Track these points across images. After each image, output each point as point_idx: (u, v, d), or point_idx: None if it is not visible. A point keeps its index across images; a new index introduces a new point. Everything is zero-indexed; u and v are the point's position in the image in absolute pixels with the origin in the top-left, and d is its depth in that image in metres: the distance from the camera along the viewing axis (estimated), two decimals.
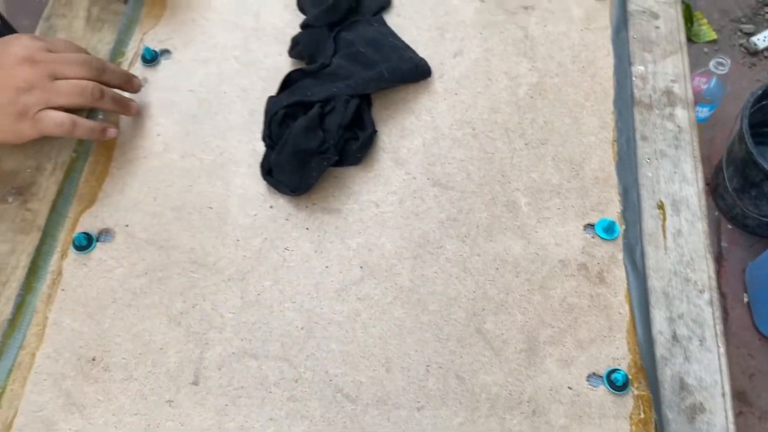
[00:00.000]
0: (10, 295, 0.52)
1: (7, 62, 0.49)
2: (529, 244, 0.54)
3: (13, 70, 0.49)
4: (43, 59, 0.50)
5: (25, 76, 0.49)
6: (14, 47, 0.50)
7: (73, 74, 0.52)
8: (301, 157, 0.54)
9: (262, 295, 0.52)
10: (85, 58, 0.53)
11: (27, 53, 0.50)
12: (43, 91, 0.50)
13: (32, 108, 0.50)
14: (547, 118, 0.60)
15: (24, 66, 0.49)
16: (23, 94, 0.49)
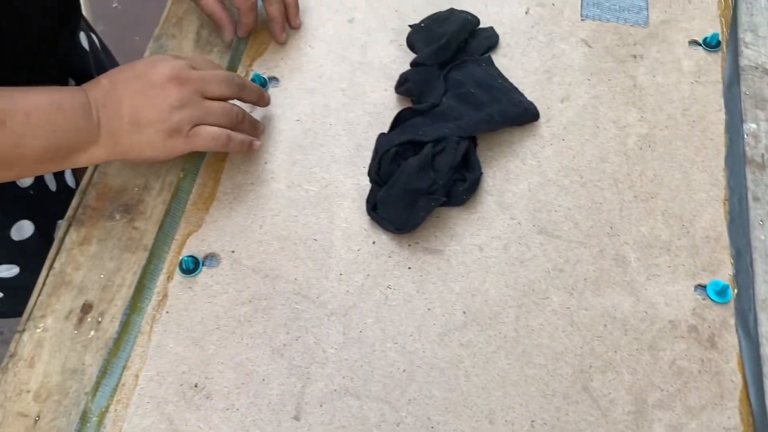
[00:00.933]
0: (115, 313, 0.53)
1: (157, 81, 0.50)
2: (638, 302, 0.53)
3: (164, 89, 0.50)
4: (189, 77, 0.52)
5: (177, 94, 0.51)
6: (161, 67, 0.51)
7: (219, 91, 0.53)
8: (411, 197, 0.54)
9: (364, 332, 0.52)
10: (227, 75, 0.55)
11: (174, 72, 0.51)
12: (195, 109, 0.51)
13: (185, 125, 0.51)
14: (657, 171, 0.59)
15: (173, 84, 0.51)
16: (176, 111, 0.50)
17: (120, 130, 0.50)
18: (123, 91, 0.50)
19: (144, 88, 0.50)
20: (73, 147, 0.49)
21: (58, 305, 0.53)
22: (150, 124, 0.50)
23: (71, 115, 0.48)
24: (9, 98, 0.46)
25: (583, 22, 0.68)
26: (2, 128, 0.45)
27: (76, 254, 0.56)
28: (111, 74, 0.52)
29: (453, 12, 0.65)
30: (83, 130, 0.49)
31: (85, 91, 0.50)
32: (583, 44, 0.66)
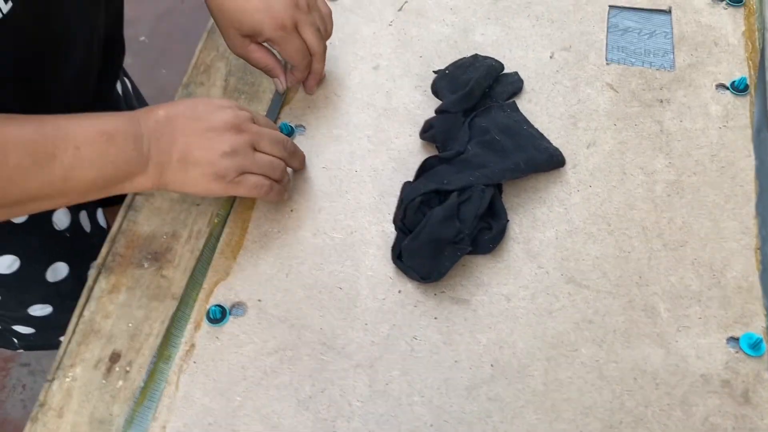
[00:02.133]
0: (143, 362, 0.53)
1: (217, 126, 0.51)
2: (669, 354, 0.52)
3: (221, 134, 0.51)
4: (248, 130, 0.53)
5: (232, 141, 0.51)
6: (225, 113, 0.52)
7: (270, 150, 0.55)
8: (436, 246, 0.53)
9: (390, 385, 0.51)
10: (282, 138, 0.56)
11: (236, 121, 0.52)
12: (244, 159, 0.52)
13: (232, 173, 0.52)
14: (686, 218, 0.58)
15: (231, 132, 0.52)
16: (226, 158, 0.51)
17: (168, 164, 0.50)
18: (179, 128, 0.51)
19: (201, 130, 0.51)
20: (121, 177, 0.49)
21: (87, 354, 0.54)
22: (198, 165, 0.51)
23: (122, 147, 0.48)
24: (59, 129, 0.46)
25: (609, 66, 0.68)
26: (52, 161, 0.45)
27: (106, 302, 0.56)
28: (168, 107, 0.52)
29: (477, 58, 0.65)
30: (132, 162, 0.49)
31: (138, 120, 0.50)
32: (608, 89, 0.66)
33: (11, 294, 0.70)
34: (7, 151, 0.43)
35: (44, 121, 0.46)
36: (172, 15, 2.01)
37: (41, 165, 0.45)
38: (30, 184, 0.45)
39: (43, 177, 0.45)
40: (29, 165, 0.44)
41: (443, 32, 0.71)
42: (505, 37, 0.70)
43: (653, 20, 0.71)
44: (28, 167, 0.44)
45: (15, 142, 0.44)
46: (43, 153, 0.45)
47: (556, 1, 0.73)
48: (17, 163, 0.44)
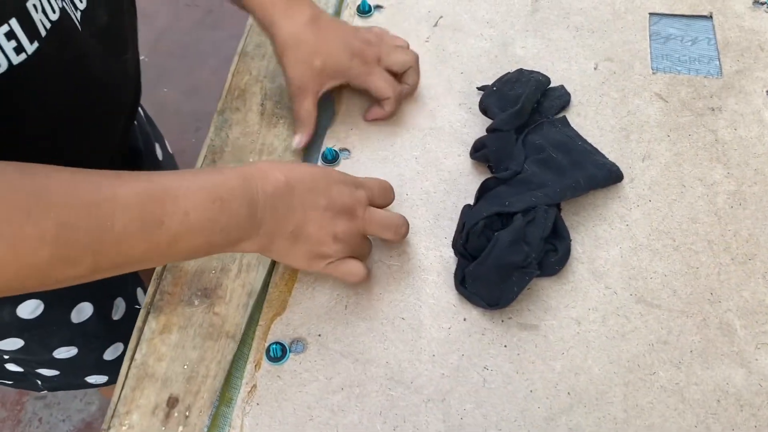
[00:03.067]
0: (202, 406, 0.51)
1: (335, 206, 0.49)
2: (750, 374, 0.50)
3: (336, 217, 0.49)
4: (362, 216, 0.51)
5: (345, 228, 0.50)
6: (344, 193, 0.50)
7: (379, 234, 0.53)
8: (504, 272, 0.52)
9: (465, 419, 0.49)
10: (395, 223, 0.53)
11: (353, 205, 0.50)
12: (351, 246, 0.50)
13: (333, 257, 0.50)
14: (751, 230, 0.56)
15: (346, 216, 0.50)
16: (335, 242, 0.49)
17: (278, 235, 0.48)
18: (298, 201, 0.48)
19: (319, 206, 0.49)
20: (229, 243, 0.47)
21: (142, 400, 0.52)
22: (307, 242, 0.49)
23: (235, 214, 0.45)
24: (168, 191, 0.43)
25: (655, 75, 0.66)
26: (159, 228, 0.42)
27: (157, 344, 0.54)
28: (288, 171, 0.49)
29: (522, 73, 0.63)
30: (243, 228, 0.46)
31: (256, 183, 0.47)
32: (657, 99, 0.64)
33: (35, 338, 0.68)
34: (115, 215, 0.40)
35: (152, 181, 0.43)
36: (172, 33, 1.99)
37: (148, 231, 0.42)
38: (135, 250, 0.42)
39: (148, 243, 0.42)
40: (135, 231, 0.41)
41: (482, 47, 0.70)
42: (546, 50, 0.69)
43: (695, 26, 0.70)
44: (134, 233, 0.41)
45: (123, 205, 0.41)
46: (151, 218, 0.42)
47: (595, 11, 0.71)
48: (123, 229, 0.40)
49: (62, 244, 0.38)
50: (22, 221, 0.37)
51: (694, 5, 0.71)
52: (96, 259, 0.41)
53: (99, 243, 0.40)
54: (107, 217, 0.40)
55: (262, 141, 0.65)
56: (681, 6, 0.71)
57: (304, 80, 0.60)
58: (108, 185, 0.41)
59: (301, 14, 0.59)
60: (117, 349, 0.75)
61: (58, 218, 0.38)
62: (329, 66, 0.60)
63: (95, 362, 0.74)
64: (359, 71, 0.61)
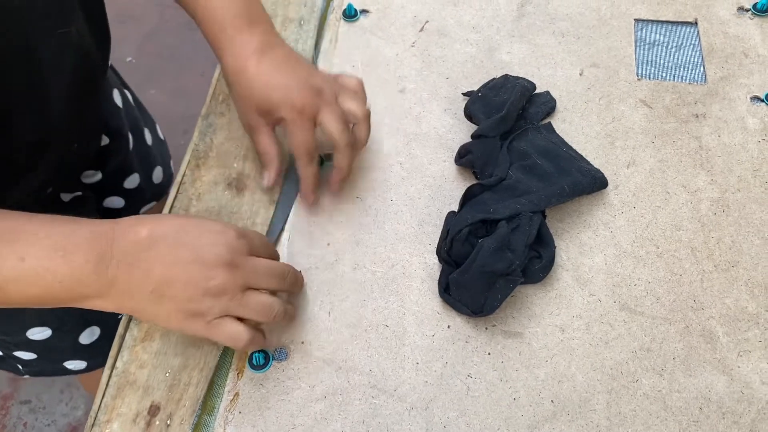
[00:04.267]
0: (184, 415, 0.51)
1: (206, 259, 0.44)
2: (732, 381, 0.50)
3: (210, 270, 0.44)
4: (242, 266, 0.45)
5: (220, 281, 0.44)
6: (217, 245, 0.45)
7: (266, 285, 0.47)
8: (488, 279, 0.51)
9: (449, 427, 0.49)
10: (281, 271, 0.49)
11: (230, 257, 0.44)
12: (231, 301, 0.44)
13: (211, 314, 0.44)
14: (734, 237, 0.57)
15: (222, 270, 0.44)
16: (210, 298, 0.44)
17: (138, 294, 0.43)
18: (160, 256, 0.43)
19: (186, 261, 0.43)
20: (72, 298, 0.43)
21: (123, 408, 0.51)
22: (174, 300, 0.43)
23: (77, 267, 0.41)
24: (8, 232, 0.41)
25: (640, 81, 0.66)
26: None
27: (139, 351, 0.54)
28: (153, 225, 0.44)
29: (508, 78, 0.63)
30: (87, 284, 0.42)
31: (112, 237, 0.43)
32: (642, 105, 0.64)
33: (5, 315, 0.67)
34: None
35: (2, 219, 0.41)
36: (159, 34, 1.98)
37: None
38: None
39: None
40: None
41: (468, 52, 0.69)
42: (531, 55, 0.69)
43: (679, 33, 0.70)
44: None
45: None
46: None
47: (580, 17, 0.71)
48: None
49: None
50: None
51: (679, 11, 0.71)
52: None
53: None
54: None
55: (247, 145, 0.64)
56: (666, 12, 0.71)
57: (246, 117, 0.56)
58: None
59: (249, 45, 0.54)
60: (93, 333, 0.73)
61: None
62: (262, 106, 0.54)
63: (71, 345, 0.73)
64: (288, 117, 0.53)
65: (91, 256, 0.42)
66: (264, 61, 0.54)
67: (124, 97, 0.80)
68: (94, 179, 0.74)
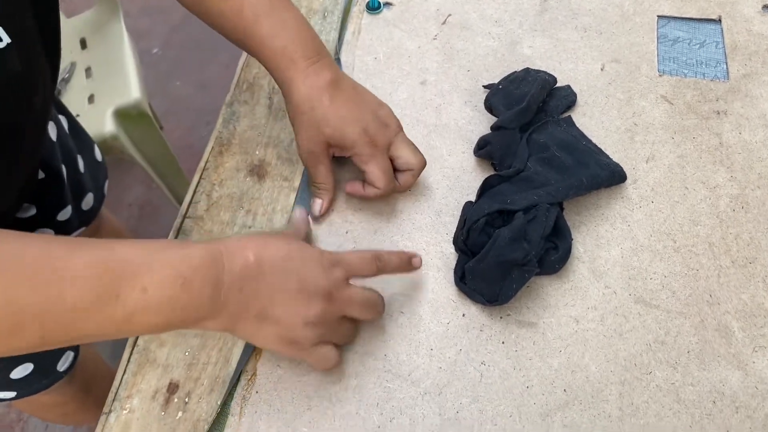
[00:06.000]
0: (202, 393, 0.52)
1: (309, 290, 0.46)
2: (746, 376, 0.50)
3: (310, 299, 0.45)
4: (339, 299, 0.47)
5: (319, 312, 0.46)
6: (320, 276, 0.46)
7: (360, 316, 0.50)
8: (504, 269, 0.52)
9: (461, 413, 0.50)
10: (375, 301, 0.51)
11: (330, 289, 0.46)
12: (327, 331, 0.47)
13: (307, 342, 0.46)
14: (753, 234, 0.56)
15: (321, 300, 0.46)
16: (308, 327, 0.46)
17: (243, 317, 0.44)
18: (267, 284, 0.44)
19: (290, 289, 0.45)
20: (189, 322, 0.43)
21: (143, 384, 0.52)
22: (276, 325, 0.45)
23: (197, 294, 0.42)
24: (127, 263, 0.40)
25: (661, 77, 0.66)
26: (114, 303, 0.39)
27: None
28: (258, 249, 0.45)
29: (529, 72, 0.64)
30: (204, 309, 0.43)
31: (223, 262, 0.44)
32: (663, 101, 0.64)
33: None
34: (68, 289, 0.38)
35: (111, 251, 0.40)
36: (185, 27, 2.00)
37: (102, 305, 0.39)
38: (87, 325, 0.39)
39: (102, 317, 0.39)
40: (88, 304, 0.38)
41: (490, 45, 0.70)
42: (553, 50, 0.69)
43: (703, 30, 0.70)
44: (87, 307, 0.38)
45: (75, 276, 0.38)
46: (106, 292, 0.39)
47: (603, 12, 0.71)
48: (74, 302, 0.38)
49: (8, 315, 0.36)
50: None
51: (702, 9, 0.71)
52: (44, 332, 0.38)
53: (47, 315, 0.37)
54: (57, 290, 0.37)
55: (269, 134, 0.65)
56: (690, 9, 0.71)
57: (312, 145, 0.57)
58: (60, 255, 0.39)
59: (322, 77, 0.55)
60: (26, 369, 0.71)
61: (4, 288, 0.36)
62: (336, 138, 0.55)
63: (1, 380, 0.70)
64: (362, 152, 0.56)
65: (207, 282, 0.42)
66: (338, 95, 0.55)
67: (59, 126, 0.75)
68: (28, 214, 0.68)
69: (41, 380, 0.74)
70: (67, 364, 0.77)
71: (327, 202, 0.59)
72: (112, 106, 1.15)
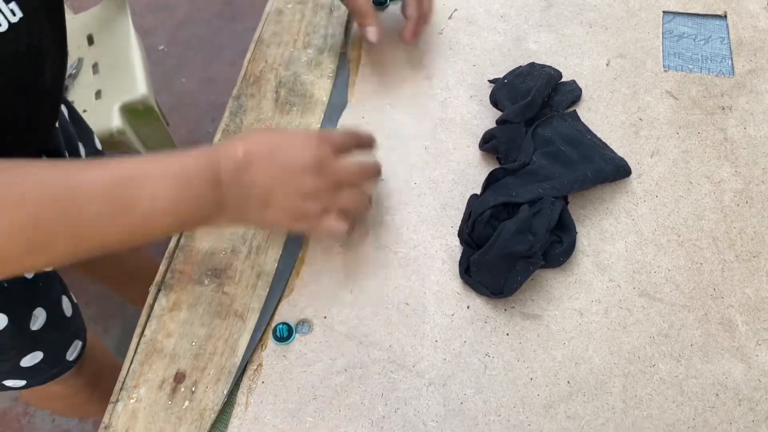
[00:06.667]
0: (208, 382, 0.52)
1: (297, 168, 0.49)
2: (749, 369, 0.50)
3: (302, 177, 0.49)
4: (329, 168, 0.50)
5: (313, 184, 0.49)
6: (305, 154, 0.49)
7: (353, 180, 0.52)
8: (508, 261, 0.52)
9: (465, 404, 0.50)
10: (366, 167, 0.54)
11: (317, 162, 0.49)
12: (327, 200, 0.50)
13: (312, 214, 0.50)
14: (757, 228, 0.57)
15: (312, 174, 0.49)
16: (308, 200, 0.49)
17: (247, 206, 0.48)
18: (258, 172, 0.48)
19: (281, 173, 0.49)
20: (198, 220, 0.48)
21: (150, 374, 0.53)
22: (278, 207, 0.49)
23: (199, 193, 0.46)
24: (135, 176, 0.44)
25: (666, 72, 0.66)
26: (131, 211, 0.43)
27: (167, 321, 0.55)
28: (247, 143, 0.49)
29: (534, 66, 0.64)
30: (210, 205, 0.47)
31: (217, 160, 0.47)
32: (668, 96, 0.65)
33: None
34: (87, 201, 0.42)
35: (121, 167, 0.44)
36: (191, 24, 2.01)
37: (119, 215, 0.43)
38: (110, 232, 0.43)
39: (122, 225, 0.43)
40: (107, 216, 0.42)
41: (495, 40, 0.70)
42: (559, 45, 0.69)
43: (708, 26, 0.70)
44: (106, 218, 0.42)
45: (94, 192, 0.42)
46: (122, 203, 0.43)
47: (609, 8, 0.72)
48: (95, 215, 0.42)
49: (39, 232, 0.40)
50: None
51: (708, 4, 0.71)
52: (73, 244, 0.42)
53: (73, 229, 0.42)
54: (79, 205, 0.41)
55: (275, 127, 0.66)
56: (695, 5, 0.71)
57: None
58: (76, 174, 0.42)
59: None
60: (35, 357, 0.72)
61: (32, 210, 0.40)
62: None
63: (12, 369, 0.71)
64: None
65: (207, 182, 0.47)
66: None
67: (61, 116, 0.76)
68: None
69: (50, 369, 0.74)
70: (76, 353, 0.77)
71: (375, 26, 0.64)
72: (118, 102, 1.16)
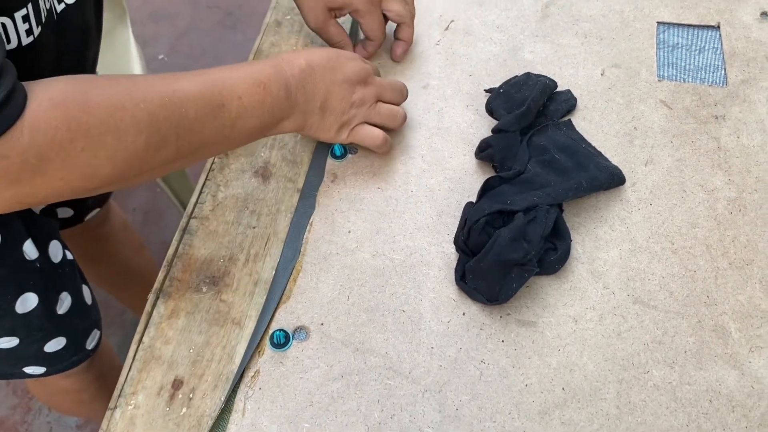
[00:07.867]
0: (206, 389, 0.53)
1: (349, 77, 0.57)
2: (743, 376, 0.51)
3: (352, 86, 0.57)
4: (373, 82, 0.59)
5: (360, 94, 0.58)
6: (353, 66, 0.58)
7: (392, 99, 0.61)
8: (504, 268, 0.53)
9: (461, 410, 0.50)
10: (401, 87, 0.63)
11: (363, 75, 0.58)
12: (369, 110, 0.59)
13: (355, 121, 0.59)
14: (750, 236, 0.57)
15: (360, 84, 0.58)
16: (354, 108, 0.58)
17: (311, 111, 0.56)
18: (320, 78, 0.55)
19: (337, 80, 0.56)
20: (275, 123, 0.54)
21: (148, 381, 0.53)
22: (333, 113, 0.57)
23: (276, 95, 0.53)
24: (223, 81, 0.50)
25: (660, 82, 0.67)
26: (222, 111, 0.49)
27: (165, 328, 0.56)
28: (307, 55, 0.56)
29: (530, 76, 0.65)
30: (284, 108, 0.54)
31: (283, 68, 0.54)
32: (662, 105, 0.65)
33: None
34: (188, 105, 0.47)
35: (208, 74, 0.50)
36: (191, 34, 2.02)
37: (215, 115, 0.49)
38: (206, 132, 0.49)
39: (216, 125, 0.50)
40: (205, 115, 0.48)
41: (491, 50, 0.71)
42: (554, 55, 0.70)
43: (702, 36, 0.71)
44: (204, 116, 0.48)
45: (192, 96, 0.48)
46: (215, 104, 0.49)
47: (604, 18, 0.73)
48: (195, 114, 0.48)
49: (153, 131, 0.46)
50: (122, 114, 0.44)
51: (701, 15, 0.72)
52: (179, 144, 0.48)
53: (179, 128, 0.47)
54: (181, 106, 0.47)
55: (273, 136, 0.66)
56: (689, 16, 0.72)
57: (317, 13, 0.65)
58: (173, 82, 0.48)
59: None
60: (59, 343, 0.73)
61: (147, 109, 0.45)
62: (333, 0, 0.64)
63: (35, 353, 0.72)
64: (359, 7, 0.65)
65: (281, 85, 0.53)
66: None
67: None
68: None
69: (71, 356, 0.75)
70: (95, 342, 0.78)
71: (349, 49, 0.68)
72: None
